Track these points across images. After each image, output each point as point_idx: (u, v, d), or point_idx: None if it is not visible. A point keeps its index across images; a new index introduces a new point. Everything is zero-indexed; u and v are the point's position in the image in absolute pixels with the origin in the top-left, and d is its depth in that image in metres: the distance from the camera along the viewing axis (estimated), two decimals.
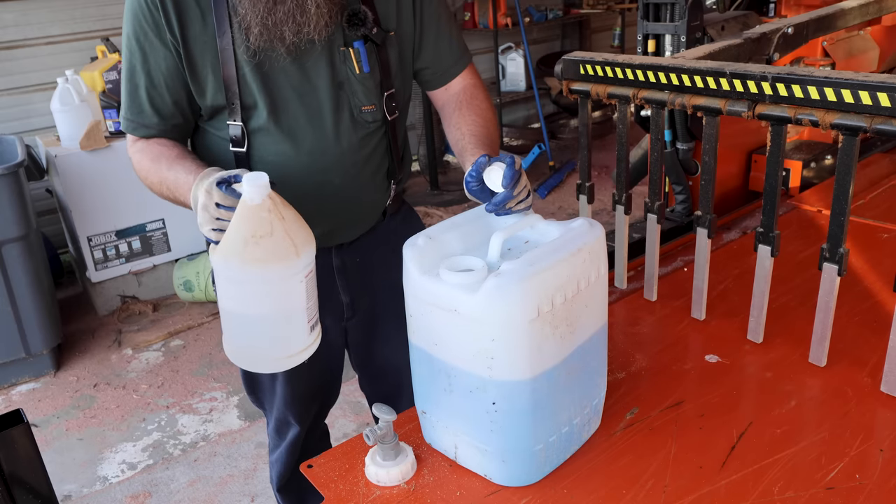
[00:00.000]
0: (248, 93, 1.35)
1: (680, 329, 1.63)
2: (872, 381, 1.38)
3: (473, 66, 1.61)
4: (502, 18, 5.58)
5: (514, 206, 1.24)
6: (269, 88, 1.35)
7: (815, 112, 1.30)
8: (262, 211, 1.10)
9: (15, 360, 3.26)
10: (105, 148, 3.61)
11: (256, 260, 1.10)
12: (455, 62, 1.56)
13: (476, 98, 1.54)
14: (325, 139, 1.40)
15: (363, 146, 1.45)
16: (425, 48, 1.51)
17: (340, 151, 1.42)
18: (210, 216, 1.16)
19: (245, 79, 1.34)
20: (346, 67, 1.39)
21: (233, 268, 1.12)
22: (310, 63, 1.36)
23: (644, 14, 2.14)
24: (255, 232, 1.10)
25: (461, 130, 1.47)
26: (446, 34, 1.53)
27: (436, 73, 1.55)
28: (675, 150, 2.24)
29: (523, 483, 1.17)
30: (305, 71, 1.36)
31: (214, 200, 1.15)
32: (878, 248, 1.95)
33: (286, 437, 1.74)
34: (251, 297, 1.15)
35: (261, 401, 1.72)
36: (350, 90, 1.40)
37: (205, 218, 1.16)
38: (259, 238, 1.09)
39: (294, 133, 1.38)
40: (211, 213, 1.15)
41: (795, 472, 1.17)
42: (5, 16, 3.92)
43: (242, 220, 1.11)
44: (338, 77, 1.39)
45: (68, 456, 2.81)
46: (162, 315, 3.87)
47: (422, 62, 1.53)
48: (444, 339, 1.13)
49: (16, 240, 3.09)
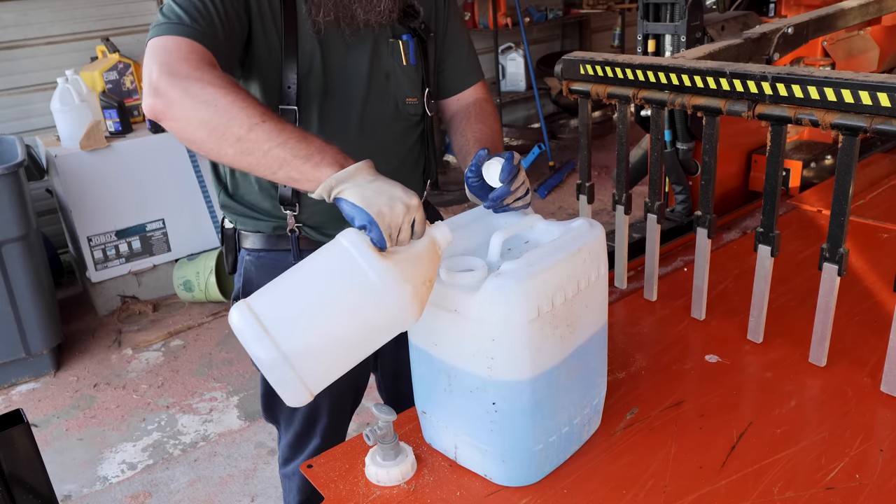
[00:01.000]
0: (304, 71, 1.34)
1: (680, 329, 1.63)
2: (872, 381, 1.38)
3: (485, 84, 1.64)
4: (502, 18, 5.58)
5: (511, 203, 1.23)
6: (325, 71, 1.36)
7: (815, 112, 1.30)
8: (437, 261, 1.05)
9: (15, 360, 3.26)
10: (105, 148, 3.61)
11: (419, 301, 1.02)
12: (470, 73, 1.60)
13: (485, 111, 1.57)
14: (371, 125, 1.42)
15: (405, 138, 1.48)
16: (447, 54, 1.56)
17: (385, 139, 1.43)
18: (405, 225, 1.01)
19: (304, 55, 1.34)
20: (394, 59, 1.42)
21: (405, 293, 0.99)
22: (360, 50, 1.39)
23: (644, 14, 2.14)
24: (431, 277, 1.04)
25: (466, 137, 1.50)
26: (465, 46, 1.59)
27: (450, 80, 1.58)
28: (675, 150, 2.24)
29: (523, 483, 1.17)
30: (356, 57, 1.39)
31: (411, 218, 1.01)
32: (878, 248, 1.95)
33: (305, 450, 1.69)
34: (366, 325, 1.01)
35: (277, 417, 1.68)
36: (395, 81, 1.43)
37: (395, 222, 1.00)
38: (431, 284, 1.03)
39: (342, 115, 1.39)
40: (405, 223, 1.01)
41: (795, 472, 1.17)
42: (5, 16, 3.92)
43: (426, 260, 1.03)
44: (384, 67, 1.42)
45: (68, 456, 2.81)
46: (162, 315, 3.87)
47: (440, 66, 1.57)
48: (444, 339, 1.13)
49: (16, 240, 3.09)
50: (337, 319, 0.98)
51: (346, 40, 1.37)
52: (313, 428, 1.66)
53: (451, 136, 1.57)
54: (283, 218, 1.46)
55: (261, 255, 1.51)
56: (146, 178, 3.74)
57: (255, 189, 1.46)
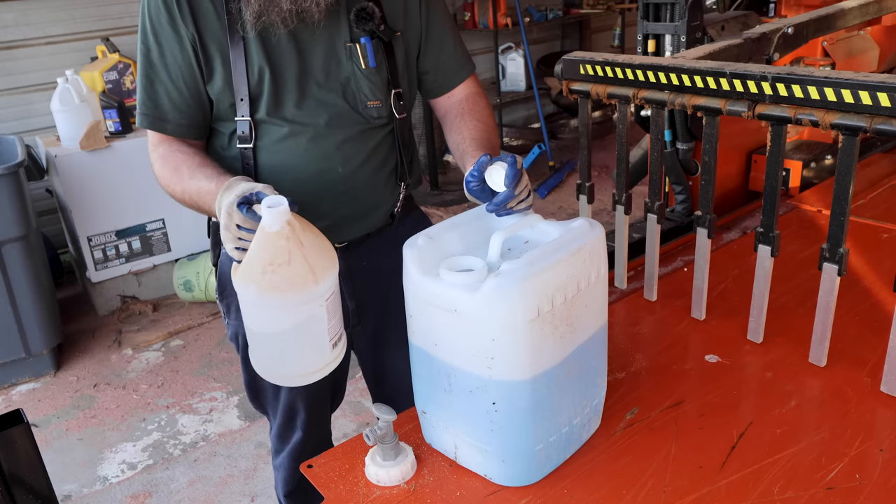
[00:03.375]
0: (254, 81, 1.36)
1: (680, 329, 1.63)
2: (872, 381, 1.38)
3: (476, 77, 1.63)
4: (502, 18, 5.58)
5: (514, 206, 1.24)
6: (274, 75, 1.37)
7: (815, 112, 1.30)
8: (280, 238, 1.08)
9: (15, 360, 3.26)
10: (105, 148, 3.61)
11: (274, 288, 1.08)
12: (459, 69, 1.58)
13: (478, 105, 1.56)
14: (327, 129, 1.41)
15: (366, 140, 1.46)
16: (430, 52, 1.53)
17: (343, 141, 1.43)
18: (232, 236, 1.16)
19: (252, 68, 1.36)
20: (352, 63, 1.41)
21: (251, 293, 1.11)
22: (313, 55, 1.38)
23: (644, 14, 2.14)
24: (273, 260, 1.08)
25: (462, 135, 1.49)
26: (450, 41, 1.56)
27: (439, 79, 1.57)
28: (675, 150, 2.24)
29: (523, 483, 1.17)
30: (308, 62, 1.39)
31: (235, 222, 1.15)
32: (878, 248, 1.95)
33: (289, 442, 1.73)
34: (271, 319, 1.14)
35: (263, 406, 1.72)
36: (356, 85, 1.42)
37: (226, 237, 1.17)
38: (277, 266, 1.08)
39: (297, 120, 1.40)
40: (232, 234, 1.16)
41: (795, 472, 1.17)
42: (5, 16, 3.92)
43: (261, 247, 1.09)
44: (343, 71, 1.41)
45: (68, 456, 2.81)
46: (162, 315, 3.87)
47: (426, 66, 1.55)
48: (444, 339, 1.13)
49: (16, 240, 3.09)
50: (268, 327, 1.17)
51: (300, 46, 1.37)
52: (293, 422, 1.69)
53: (447, 134, 1.56)
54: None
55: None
56: (146, 177, 3.65)
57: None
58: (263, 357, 1.22)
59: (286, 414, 1.67)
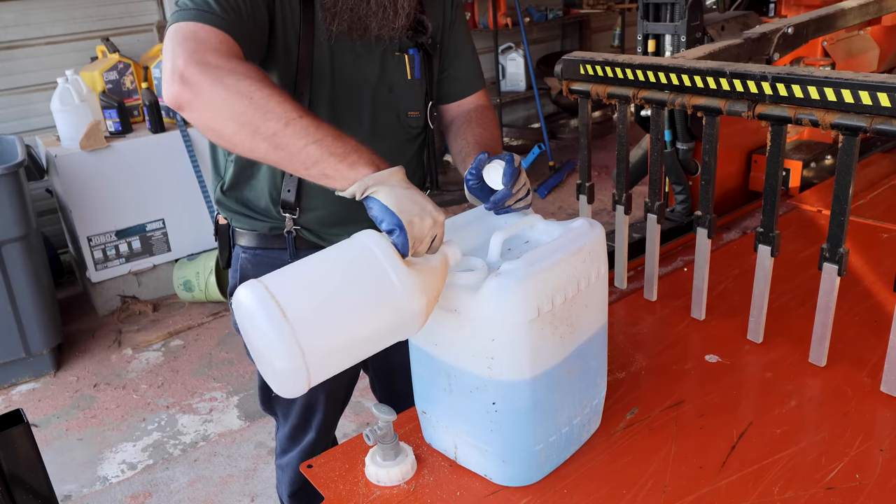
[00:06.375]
0: (317, 72, 1.34)
1: (680, 329, 1.63)
2: (872, 381, 1.38)
3: (487, 92, 1.64)
4: (502, 18, 5.58)
5: (513, 204, 1.24)
6: (334, 79, 1.36)
7: (815, 112, 1.30)
8: (445, 276, 1.07)
9: (15, 360, 3.26)
10: (105, 148, 3.61)
11: (427, 312, 1.03)
12: (474, 80, 1.60)
13: (486, 118, 1.57)
14: (374, 136, 1.41)
15: (405, 149, 1.48)
16: (451, 60, 1.55)
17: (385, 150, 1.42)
18: (427, 238, 1.02)
19: (317, 61, 1.33)
20: (398, 72, 1.42)
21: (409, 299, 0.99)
22: (368, 61, 1.39)
23: (644, 14, 2.14)
24: (440, 292, 1.06)
25: (466, 139, 1.49)
26: (469, 52, 1.58)
27: (454, 84, 1.58)
28: (675, 150, 2.24)
29: (523, 483, 1.17)
30: (363, 67, 1.39)
31: (436, 233, 1.03)
32: (878, 248, 1.95)
33: (300, 443, 1.72)
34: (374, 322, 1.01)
35: (274, 409, 1.71)
36: (399, 94, 1.43)
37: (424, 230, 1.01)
38: (437, 301, 1.06)
39: (347, 124, 1.38)
40: (428, 236, 1.02)
41: (795, 472, 1.17)
42: (5, 16, 3.92)
43: (441, 276, 1.05)
44: (388, 79, 1.42)
45: (68, 456, 2.81)
46: (162, 315, 3.87)
47: (444, 73, 1.56)
48: (444, 339, 1.13)
49: (16, 240, 3.09)
50: (353, 316, 0.97)
51: (356, 50, 1.37)
52: (309, 422, 1.68)
53: (449, 139, 1.56)
54: (280, 219, 1.46)
55: (257, 252, 1.52)
56: (146, 178, 3.74)
57: (254, 189, 1.46)
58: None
59: (302, 415, 1.66)
